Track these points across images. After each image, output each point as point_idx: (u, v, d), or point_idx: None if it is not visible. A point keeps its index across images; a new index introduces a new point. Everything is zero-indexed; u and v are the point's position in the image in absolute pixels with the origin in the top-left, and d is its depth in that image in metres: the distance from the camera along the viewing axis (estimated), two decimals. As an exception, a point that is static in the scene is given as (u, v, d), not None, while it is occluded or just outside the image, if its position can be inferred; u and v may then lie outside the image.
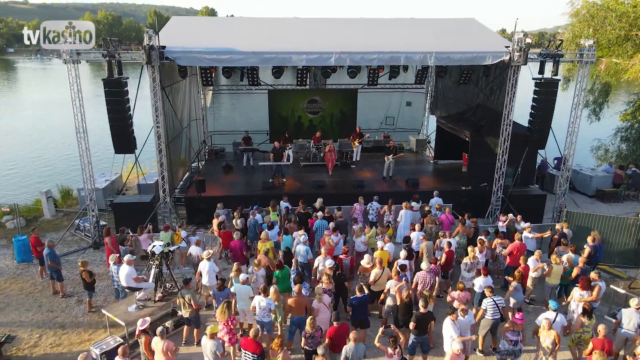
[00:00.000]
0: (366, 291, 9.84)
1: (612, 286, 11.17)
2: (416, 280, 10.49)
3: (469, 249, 11.23)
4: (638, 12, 20.69)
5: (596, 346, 8.06)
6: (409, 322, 8.95)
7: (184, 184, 18.61)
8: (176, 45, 13.93)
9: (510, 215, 13.73)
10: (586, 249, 11.87)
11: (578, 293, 10.04)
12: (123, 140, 14.01)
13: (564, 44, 19.56)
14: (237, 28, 16.86)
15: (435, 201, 14.92)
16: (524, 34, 13.87)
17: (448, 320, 8.53)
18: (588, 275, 10.49)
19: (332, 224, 12.59)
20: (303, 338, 8.59)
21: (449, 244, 11.58)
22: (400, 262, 10.81)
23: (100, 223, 15.00)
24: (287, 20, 17.17)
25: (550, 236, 13.07)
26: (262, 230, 12.82)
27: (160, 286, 10.26)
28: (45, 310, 11.44)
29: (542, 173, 19.92)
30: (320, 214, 13.15)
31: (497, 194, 15.83)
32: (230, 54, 13.69)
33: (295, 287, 9.43)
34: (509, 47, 14.32)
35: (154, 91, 13.77)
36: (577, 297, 10.02)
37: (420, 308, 8.91)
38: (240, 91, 23.01)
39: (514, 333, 8.57)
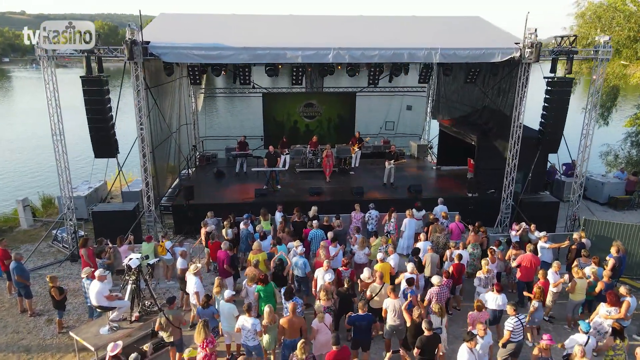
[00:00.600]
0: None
1: None
2: (429, 297, 9.36)
3: (483, 262, 10.14)
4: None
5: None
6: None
7: (173, 192, 17.51)
8: (162, 40, 12.92)
9: (523, 224, 12.66)
10: (610, 261, 10.80)
11: (604, 309, 8.96)
12: (103, 143, 12.92)
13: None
14: (229, 25, 15.88)
15: (440, 209, 13.86)
16: (535, 29, 12.92)
17: (465, 347, 7.41)
18: (615, 289, 9.43)
19: (331, 234, 11.52)
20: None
21: (460, 257, 10.47)
22: (407, 276, 9.71)
23: (79, 233, 13.86)
24: (282, 17, 16.19)
25: (567, 246, 12.00)
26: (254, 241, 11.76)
27: (137, 304, 9.11)
28: (10, 331, 10.25)
29: (550, 179, 18.91)
30: (315, 223, 12.06)
31: (507, 201, 14.77)
32: (219, 50, 12.67)
33: (289, 305, 8.31)
34: (519, 44, 13.37)
35: (137, 90, 12.72)
36: (603, 314, 8.94)
37: (424, 331, 7.79)
38: (233, 94, 22.02)
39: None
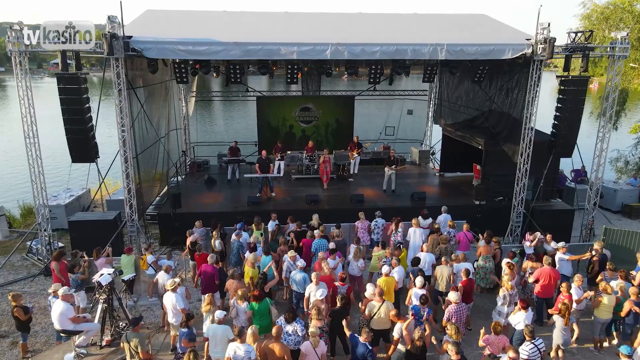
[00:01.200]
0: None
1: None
2: (448, 316, 8.29)
3: (505, 278, 9.07)
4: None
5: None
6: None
7: (161, 200, 16.46)
8: (146, 35, 11.95)
9: (538, 233, 11.62)
10: (638, 275, 9.75)
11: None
12: (81, 146, 11.86)
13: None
14: (220, 21, 14.94)
15: (444, 218, 12.82)
16: (549, 24, 12.01)
17: None
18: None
19: (332, 244, 10.47)
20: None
21: (467, 272, 9.41)
22: (418, 293, 8.64)
23: (55, 245, 12.77)
24: (276, 14, 15.28)
25: (588, 259, 10.97)
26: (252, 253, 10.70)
27: (111, 326, 8.03)
28: (-32, 356, 9.12)
29: (560, 187, 17.92)
30: (317, 233, 11.01)
31: (518, 210, 13.76)
32: (208, 45, 11.68)
33: (273, 329, 7.20)
34: (530, 40, 12.46)
35: (119, 89, 11.71)
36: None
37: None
38: (226, 98, 21.06)
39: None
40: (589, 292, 9.23)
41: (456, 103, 18.82)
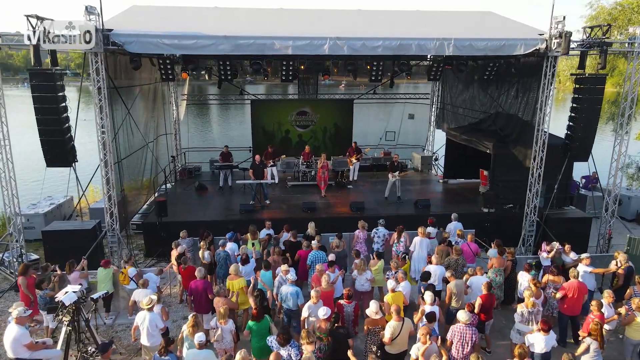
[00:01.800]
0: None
1: None
2: (450, 336, 7.28)
3: (527, 294, 8.05)
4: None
5: None
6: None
7: (148, 209, 15.43)
8: (129, 29, 11.03)
9: (555, 244, 10.63)
10: (673, 290, 8.76)
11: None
12: (56, 149, 10.84)
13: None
14: (210, 16, 14.03)
15: (454, 226, 11.83)
16: (564, 17, 11.14)
17: None
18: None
19: (332, 256, 9.46)
20: None
21: (489, 286, 8.42)
22: (427, 309, 7.66)
23: (29, 257, 11.73)
24: (271, 10, 14.37)
25: (613, 271, 9.99)
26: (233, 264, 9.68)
27: (78, 352, 6.97)
28: None
29: (570, 194, 16.98)
30: (315, 244, 9.98)
31: (531, 218, 12.78)
32: (195, 39, 10.73)
33: (271, 356, 6.21)
34: (544, 35, 11.58)
35: (97, 87, 10.74)
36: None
37: None
38: (219, 102, 20.11)
39: None
40: (621, 310, 8.23)
41: (460, 106, 17.94)
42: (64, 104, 10.78)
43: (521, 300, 8.84)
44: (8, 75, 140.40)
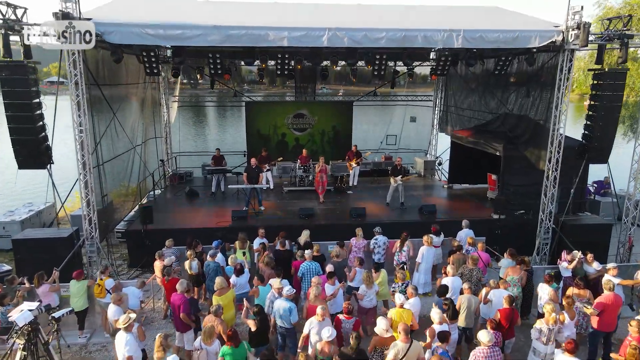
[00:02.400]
0: None
1: None
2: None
3: (547, 308, 7.08)
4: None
5: None
6: None
7: (135, 216, 14.45)
8: (111, 18, 10.13)
9: (577, 253, 9.68)
10: None
11: None
12: (29, 150, 9.86)
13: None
14: (202, 8, 13.16)
15: (465, 234, 10.91)
16: (582, 7, 10.30)
17: None
18: None
19: (330, 267, 8.48)
20: None
21: (511, 300, 7.46)
22: (437, 329, 6.71)
23: (0, 268, 10.72)
24: (267, 4, 13.51)
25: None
26: (228, 277, 8.72)
27: (36, 379, 5.96)
28: None
29: (583, 199, 16.06)
30: (308, 253, 8.99)
31: (546, 224, 11.84)
32: (182, 29, 9.81)
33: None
34: (560, 26, 10.73)
35: (75, 82, 9.80)
36: None
37: None
38: (211, 104, 19.21)
39: None
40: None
41: (464, 107, 17.08)
42: (38, 100, 9.82)
43: (541, 315, 7.89)
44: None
